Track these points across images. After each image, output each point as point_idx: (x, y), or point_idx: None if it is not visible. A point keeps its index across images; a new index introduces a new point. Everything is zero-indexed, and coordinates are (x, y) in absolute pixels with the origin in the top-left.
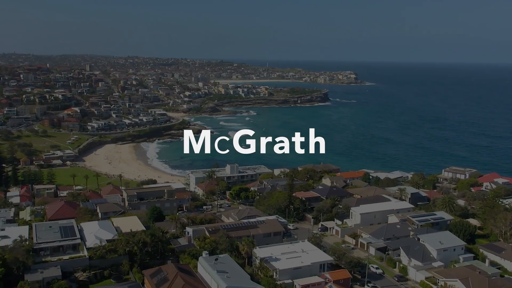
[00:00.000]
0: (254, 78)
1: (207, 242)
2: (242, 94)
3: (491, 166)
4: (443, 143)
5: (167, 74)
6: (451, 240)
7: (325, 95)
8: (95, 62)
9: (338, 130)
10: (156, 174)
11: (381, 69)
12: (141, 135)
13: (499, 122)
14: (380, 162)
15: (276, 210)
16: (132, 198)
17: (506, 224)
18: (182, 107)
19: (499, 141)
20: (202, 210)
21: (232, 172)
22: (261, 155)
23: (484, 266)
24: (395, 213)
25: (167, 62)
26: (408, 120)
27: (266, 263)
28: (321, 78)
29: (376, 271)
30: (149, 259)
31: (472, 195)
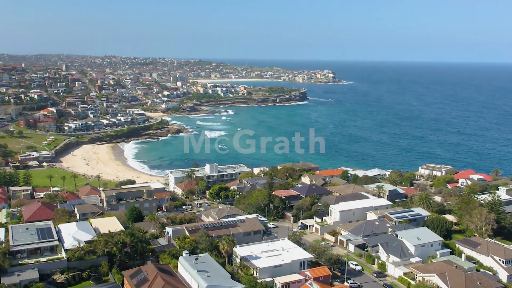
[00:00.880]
0: (232, 77)
1: (187, 242)
2: (221, 93)
3: (466, 164)
4: (419, 141)
5: (145, 74)
6: (428, 236)
7: (304, 94)
8: (72, 62)
9: (317, 129)
10: (135, 175)
11: (358, 68)
12: (119, 135)
13: (473, 119)
14: (358, 160)
15: (256, 209)
16: (110, 199)
17: (481, 219)
18: (161, 106)
19: (473, 138)
20: (182, 210)
21: (211, 172)
22: (240, 154)
23: (461, 261)
24: (374, 210)
25: (145, 61)
26: (385, 118)
27: (246, 262)
28: (300, 77)
29: (355, 267)
30: (128, 259)
31: (448, 191)
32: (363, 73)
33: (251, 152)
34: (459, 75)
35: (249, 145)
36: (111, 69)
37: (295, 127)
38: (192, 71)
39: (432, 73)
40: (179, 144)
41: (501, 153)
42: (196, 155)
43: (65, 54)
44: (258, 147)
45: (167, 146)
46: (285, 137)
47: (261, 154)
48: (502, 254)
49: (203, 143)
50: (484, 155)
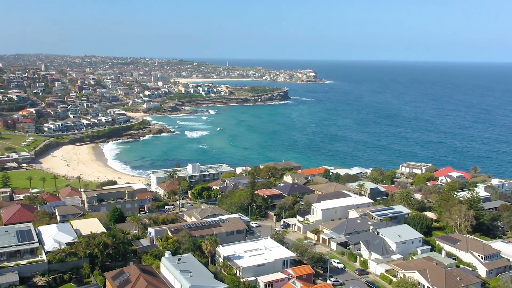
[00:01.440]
0: (214, 77)
1: (170, 242)
2: (203, 93)
3: (445, 162)
4: (399, 139)
5: (126, 74)
6: (409, 233)
7: (285, 93)
8: (51, 62)
9: (299, 128)
10: (116, 175)
11: (340, 67)
12: (100, 136)
13: (452, 118)
14: (340, 159)
15: (239, 208)
16: (91, 200)
17: (460, 216)
18: (142, 106)
19: (452, 136)
20: (164, 210)
21: (193, 172)
22: (222, 154)
23: (441, 257)
24: (355, 208)
25: (126, 61)
26: (365, 117)
27: (229, 261)
28: (281, 76)
29: (337, 265)
30: (110, 261)
31: (428, 189)
32: (345, 72)
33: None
34: (439, 74)
35: (230, 145)
36: (91, 69)
37: (276, 126)
38: (173, 71)
39: (413, 72)
40: (160, 144)
41: (479, 151)
42: (178, 155)
43: (44, 54)
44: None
45: (148, 146)
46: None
47: (243, 154)
48: (481, 250)
49: (185, 143)
50: (463, 153)
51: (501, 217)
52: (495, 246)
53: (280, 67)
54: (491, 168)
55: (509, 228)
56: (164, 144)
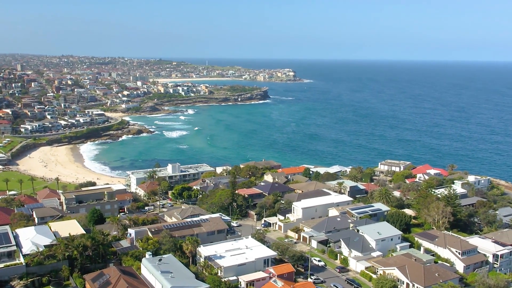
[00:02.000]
0: (194, 76)
1: (150, 243)
2: (182, 92)
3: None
4: (378, 138)
5: (104, 74)
6: (388, 230)
7: (265, 92)
8: (27, 62)
9: (278, 127)
10: (95, 176)
11: (319, 67)
12: (78, 137)
13: (429, 116)
14: (320, 158)
15: (219, 208)
16: (70, 202)
17: (438, 212)
18: (121, 106)
19: (429, 134)
20: (144, 211)
21: (174, 172)
22: (202, 153)
23: (419, 254)
24: (335, 206)
25: (104, 61)
26: (344, 116)
27: (210, 261)
28: (261, 76)
29: (318, 263)
30: (90, 263)
31: (407, 186)
32: (324, 72)
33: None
34: (415, 72)
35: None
36: (69, 69)
37: (255, 126)
38: (152, 71)
39: (390, 71)
40: (140, 144)
41: (456, 148)
42: (158, 155)
43: (20, 54)
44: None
45: (128, 146)
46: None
47: (223, 153)
48: (459, 245)
49: (164, 143)
50: (440, 150)
51: (477, 213)
52: (472, 241)
53: (260, 66)
54: (467, 165)
55: (486, 224)
56: (143, 144)
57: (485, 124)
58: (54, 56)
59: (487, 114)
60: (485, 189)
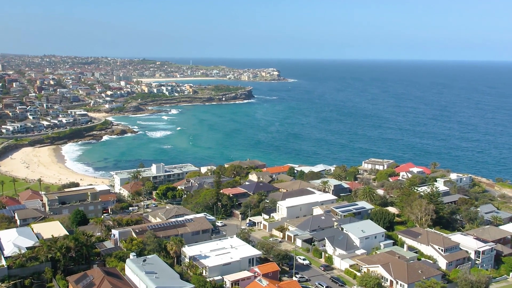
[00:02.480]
0: (178, 76)
1: (134, 244)
2: (166, 92)
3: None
4: (362, 136)
5: (87, 73)
6: (372, 228)
7: (250, 92)
8: (8, 62)
9: (263, 126)
10: (78, 177)
11: (303, 66)
12: (61, 137)
13: (412, 115)
14: (304, 157)
15: (204, 208)
16: (53, 203)
17: (421, 210)
18: (104, 107)
19: (412, 133)
20: (129, 211)
21: (158, 172)
22: (186, 153)
23: (403, 251)
24: (320, 205)
25: (87, 60)
26: (329, 115)
27: (195, 261)
28: (245, 75)
29: (303, 262)
30: (73, 264)
31: (390, 184)
32: (308, 71)
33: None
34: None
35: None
36: (51, 68)
37: (240, 125)
38: (136, 70)
39: (375, 70)
40: (124, 145)
41: (438, 147)
42: (142, 155)
43: (1, 54)
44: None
45: (111, 147)
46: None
47: (207, 153)
48: (441, 243)
49: (148, 143)
50: (423, 149)
51: (459, 211)
52: (454, 238)
53: (244, 66)
54: (449, 164)
55: (467, 221)
56: (127, 144)
57: (466, 123)
58: (36, 56)
59: (469, 112)
60: (467, 187)
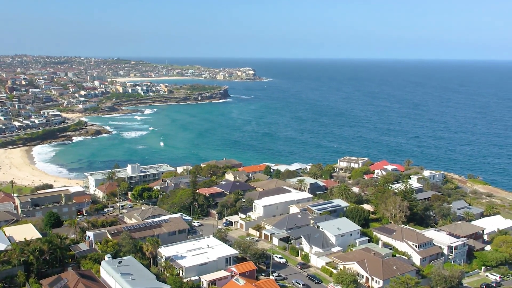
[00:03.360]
0: (153, 76)
1: (110, 245)
2: (141, 92)
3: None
4: (337, 135)
5: (60, 73)
6: (347, 225)
7: (225, 91)
8: None
9: (239, 126)
10: (52, 179)
11: (279, 65)
12: (34, 138)
13: (387, 114)
14: (280, 156)
15: (180, 208)
16: (25, 205)
17: (395, 207)
18: (78, 107)
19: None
20: (104, 212)
21: (133, 172)
22: (162, 153)
23: (378, 248)
24: (296, 203)
25: (59, 60)
26: (304, 114)
27: (171, 262)
28: (221, 74)
29: (280, 260)
30: (47, 267)
31: (365, 182)
32: (284, 70)
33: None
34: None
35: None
36: (23, 68)
37: (216, 125)
38: (110, 70)
39: (349, 69)
40: (98, 145)
41: (412, 144)
42: (117, 156)
43: None
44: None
45: (86, 148)
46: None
47: (183, 153)
48: (415, 239)
49: (124, 144)
50: (396, 147)
51: (432, 207)
52: (428, 234)
53: (220, 65)
54: (423, 161)
55: (440, 217)
56: (102, 145)
57: (438, 121)
58: (7, 56)
59: (441, 110)
60: (440, 183)
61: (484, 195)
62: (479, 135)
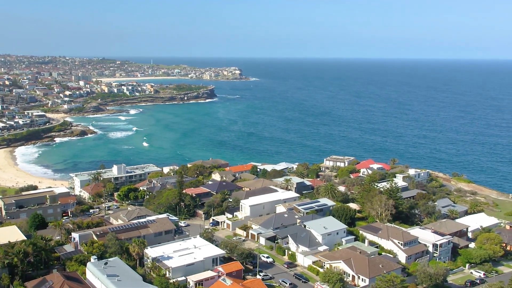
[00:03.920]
0: (138, 75)
1: (95, 247)
2: (127, 92)
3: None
4: (323, 134)
5: (44, 73)
6: (334, 224)
7: (212, 91)
8: None
9: (225, 125)
10: (36, 180)
11: (265, 65)
12: (18, 139)
13: (371, 113)
14: (267, 155)
15: (167, 208)
16: (10, 207)
17: (381, 206)
18: (63, 107)
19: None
20: (89, 214)
21: (119, 173)
22: (148, 154)
23: (364, 246)
24: (282, 203)
25: (44, 60)
26: (290, 114)
27: (158, 263)
28: (207, 74)
29: (266, 260)
30: (32, 270)
31: (351, 181)
32: (270, 70)
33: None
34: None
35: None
36: (6, 68)
37: (202, 125)
38: (95, 70)
39: (335, 68)
40: (84, 146)
41: (397, 143)
42: (103, 156)
43: None
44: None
45: (71, 148)
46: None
47: (169, 153)
48: (401, 237)
49: (109, 144)
50: (382, 146)
51: (418, 205)
52: (413, 232)
53: (206, 65)
54: (408, 159)
55: (425, 215)
56: (87, 145)
57: (423, 120)
58: None
59: (426, 109)
60: (425, 182)
61: (468, 193)
62: (463, 134)
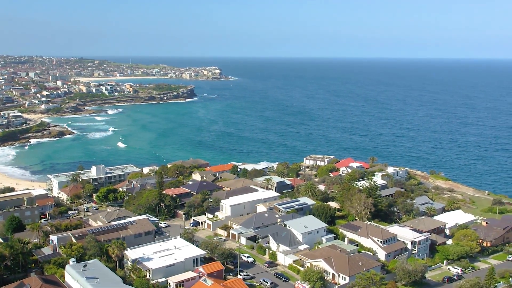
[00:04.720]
0: (117, 75)
1: (74, 249)
2: (106, 92)
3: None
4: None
5: (20, 73)
6: (314, 223)
7: (192, 91)
8: None
9: (206, 125)
10: (13, 181)
11: (244, 64)
12: None
13: (351, 112)
14: (247, 155)
15: (147, 209)
16: None
17: (360, 204)
18: (40, 107)
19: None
20: (68, 215)
21: (98, 174)
22: (127, 154)
23: (344, 245)
24: (263, 202)
25: (20, 60)
26: (271, 114)
27: (138, 264)
28: (187, 74)
29: (247, 260)
30: (9, 273)
31: (331, 179)
32: (250, 69)
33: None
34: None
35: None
36: None
37: (182, 125)
38: (73, 70)
39: (315, 68)
40: (61, 146)
41: (375, 142)
42: (82, 157)
43: None
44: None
45: (48, 149)
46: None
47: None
48: (380, 235)
49: (88, 145)
50: (361, 144)
51: (396, 203)
52: (392, 230)
53: (185, 64)
54: (386, 158)
55: (404, 213)
56: (65, 146)
57: (401, 119)
58: None
59: (404, 108)
60: (403, 180)
61: (446, 190)
62: (440, 132)
